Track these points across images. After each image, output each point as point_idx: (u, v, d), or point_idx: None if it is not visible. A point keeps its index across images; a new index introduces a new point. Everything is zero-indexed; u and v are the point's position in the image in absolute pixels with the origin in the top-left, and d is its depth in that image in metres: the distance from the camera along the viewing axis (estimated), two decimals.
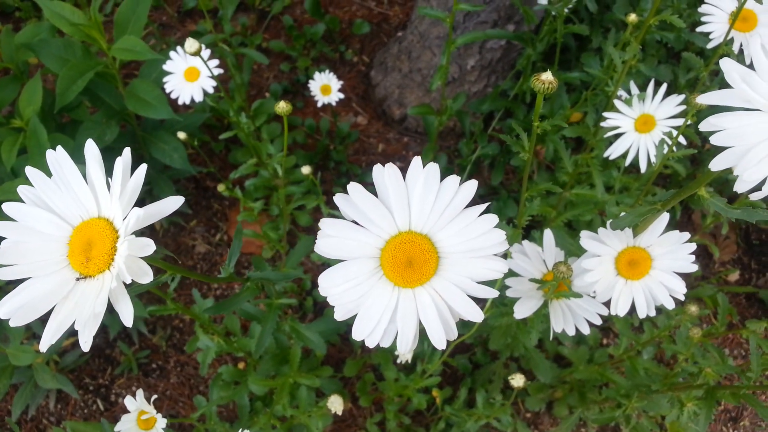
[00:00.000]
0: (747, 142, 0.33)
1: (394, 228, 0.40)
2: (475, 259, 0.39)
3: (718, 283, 1.38)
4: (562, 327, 0.63)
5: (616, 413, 1.00)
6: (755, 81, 0.34)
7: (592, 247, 0.57)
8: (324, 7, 1.73)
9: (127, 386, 1.26)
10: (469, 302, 0.40)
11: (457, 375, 1.30)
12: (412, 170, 0.40)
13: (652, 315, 0.58)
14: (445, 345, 0.40)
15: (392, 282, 0.40)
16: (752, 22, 0.83)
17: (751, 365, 0.72)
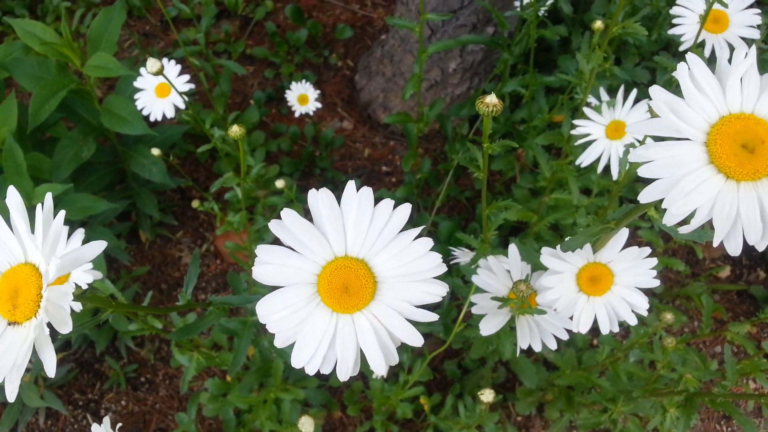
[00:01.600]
0: (675, 174, 0.32)
1: (330, 253, 0.39)
2: (413, 283, 0.39)
3: (708, 280, 1.37)
4: (528, 343, 0.62)
5: (602, 418, 0.99)
6: (683, 109, 0.33)
7: (553, 264, 0.56)
8: (308, 12, 1.73)
9: (116, 400, 1.26)
10: (408, 327, 0.39)
11: (446, 381, 1.29)
12: (346, 195, 0.39)
13: (615, 331, 0.57)
14: (385, 371, 0.39)
15: (330, 308, 0.39)
16: (724, 24, 0.82)
17: (726, 373, 0.71)
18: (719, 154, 0.32)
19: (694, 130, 0.33)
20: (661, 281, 1.38)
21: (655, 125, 0.33)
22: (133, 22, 1.71)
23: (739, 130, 0.33)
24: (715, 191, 0.32)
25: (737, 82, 0.33)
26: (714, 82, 0.33)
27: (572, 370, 1.06)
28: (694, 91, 0.33)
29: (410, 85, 0.93)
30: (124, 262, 1.31)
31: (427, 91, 1.43)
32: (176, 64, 0.92)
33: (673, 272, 1.37)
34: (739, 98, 0.33)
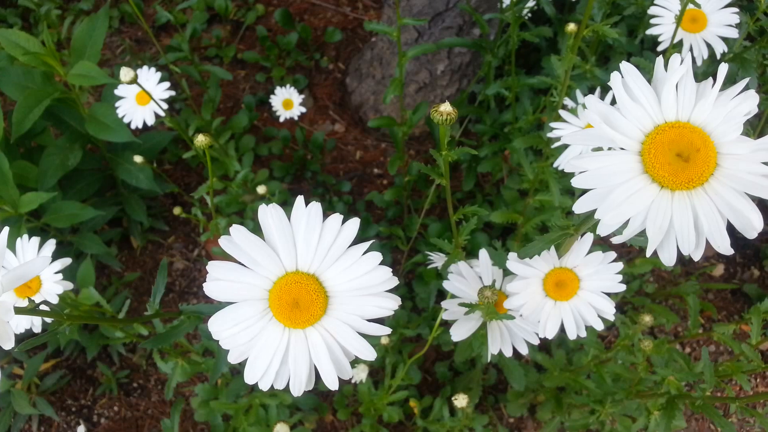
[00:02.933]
0: (608, 184, 0.32)
1: (281, 269, 0.39)
2: (364, 297, 0.39)
3: (701, 279, 1.36)
4: (498, 348, 0.62)
5: (590, 419, 0.99)
6: (617, 119, 0.33)
7: (519, 269, 0.56)
8: (299, 16, 1.73)
9: (109, 406, 1.27)
10: (360, 341, 0.39)
11: (438, 383, 1.29)
12: (296, 211, 0.39)
13: (582, 336, 0.57)
14: (336, 385, 0.39)
15: (282, 323, 0.39)
16: (702, 23, 0.82)
17: (704, 377, 0.70)
18: (653, 164, 0.32)
19: (627, 139, 0.33)
20: (653, 280, 1.37)
21: (590, 135, 0.33)
22: (126, 28, 1.72)
23: (673, 139, 0.32)
24: (648, 201, 0.32)
25: (672, 89, 0.33)
26: (648, 90, 0.33)
27: (560, 371, 1.06)
28: (628, 100, 0.33)
29: (390, 89, 0.93)
30: (116, 268, 1.31)
31: (416, 93, 1.43)
32: (157, 72, 0.92)
33: (666, 271, 1.36)
34: (675, 106, 0.33)
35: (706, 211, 0.31)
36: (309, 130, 1.57)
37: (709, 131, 0.33)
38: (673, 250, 0.32)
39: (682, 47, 0.82)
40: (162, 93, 0.91)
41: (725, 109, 0.32)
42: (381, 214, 1.44)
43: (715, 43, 0.81)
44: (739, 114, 0.32)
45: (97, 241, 1.18)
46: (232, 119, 1.33)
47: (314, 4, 1.74)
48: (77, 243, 1.19)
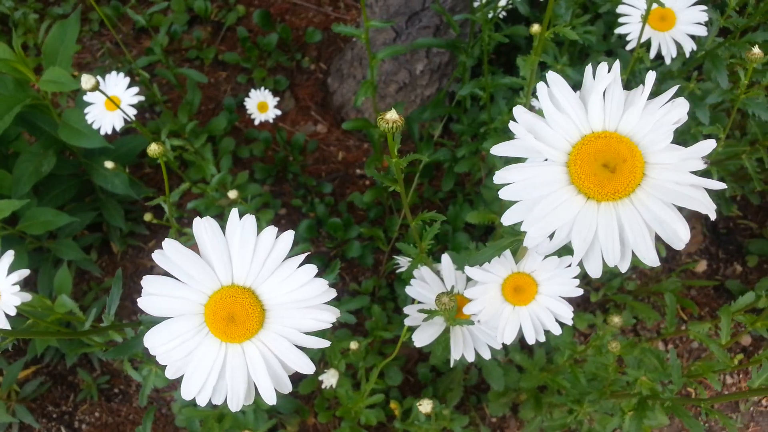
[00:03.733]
0: (534, 195, 0.32)
1: (216, 283, 0.39)
2: (301, 310, 0.38)
3: (685, 275, 1.36)
4: (461, 353, 0.62)
5: (568, 419, 0.99)
6: (543, 130, 0.32)
7: (477, 275, 0.55)
8: (280, 16, 1.72)
9: (90, 412, 1.26)
10: (299, 354, 0.39)
11: (420, 384, 1.29)
12: (230, 224, 0.39)
13: (542, 340, 0.57)
14: (274, 400, 0.39)
15: (219, 338, 0.39)
16: (671, 21, 0.81)
17: (672, 377, 0.70)
18: (579, 175, 0.32)
19: (553, 150, 0.32)
20: (636, 277, 1.37)
21: (515, 146, 0.33)
22: (106, 31, 1.71)
23: (600, 149, 0.32)
24: (574, 213, 0.31)
25: (599, 99, 0.32)
26: (575, 100, 0.33)
27: (539, 371, 1.06)
28: (554, 110, 0.33)
29: (362, 91, 0.92)
30: (95, 273, 1.31)
31: (397, 93, 1.42)
32: (126, 77, 0.92)
33: (648, 268, 1.36)
34: (602, 116, 0.32)
35: (632, 222, 0.31)
36: (291, 131, 1.56)
37: (637, 141, 0.32)
38: (598, 262, 0.31)
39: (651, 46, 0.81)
40: (131, 98, 0.90)
41: (653, 118, 0.32)
42: (363, 215, 1.43)
43: (683, 41, 0.81)
44: (668, 122, 0.32)
45: (74, 247, 1.17)
46: (211, 122, 1.32)
47: (296, 4, 1.73)
48: (54, 249, 1.19)
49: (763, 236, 1.36)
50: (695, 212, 1.43)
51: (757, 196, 1.38)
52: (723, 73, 0.86)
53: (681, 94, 0.96)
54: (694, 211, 1.17)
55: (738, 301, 0.86)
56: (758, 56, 0.70)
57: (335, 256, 1.41)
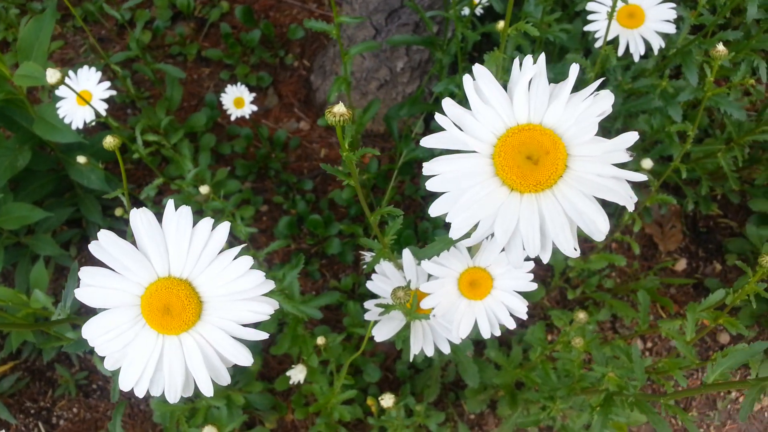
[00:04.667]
0: (459, 187, 0.32)
1: (153, 274, 0.39)
2: (239, 302, 0.38)
3: (662, 273, 1.36)
4: (420, 347, 0.62)
5: (541, 416, 0.99)
6: (469, 122, 0.32)
7: (433, 269, 0.56)
8: (264, 12, 1.72)
9: (68, 408, 1.26)
10: (236, 346, 0.39)
11: (398, 381, 1.29)
12: (166, 215, 0.39)
13: (497, 334, 0.57)
14: (211, 391, 0.39)
15: (156, 330, 0.39)
16: (639, 19, 0.82)
17: (635, 373, 0.70)
18: (503, 167, 0.32)
19: (479, 142, 0.32)
20: (616, 275, 1.38)
21: (443, 138, 0.33)
22: (90, 26, 1.71)
23: (524, 142, 0.32)
24: (497, 204, 0.32)
25: (524, 91, 0.32)
26: (500, 93, 0.33)
27: (514, 368, 1.06)
28: (480, 103, 0.33)
29: (335, 87, 0.92)
30: None
31: (378, 90, 1.42)
32: (97, 72, 0.92)
33: (628, 266, 1.37)
34: (527, 108, 0.32)
35: (552, 214, 0.31)
36: (274, 128, 1.56)
37: (561, 133, 0.32)
38: (519, 252, 0.31)
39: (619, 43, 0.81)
40: (102, 93, 0.90)
41: (577, 111, 0.32)
42: (344, 212, 1.43)
43: (652, 38, 0.81)
44: (592, 115, 0.32)
45: (51, 243, 1.17)
46: (191, 117, 1.32)
47: (280, 1, 1.73)
48: (32, 245, 1.18)
49: (743, 235, 1.36)
50: (676, 211, 1.42)
51: (737, 195, 1.38)
52: (693, 70, 0.86)
53: (654, 92, 0.96)
54: (675, 210, 1.17)
55: (707, 299, 0.87)
56: (722, 53, 0.70)
57: (316, 253, 1.41)
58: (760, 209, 1.26)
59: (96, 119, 0.82)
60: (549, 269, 1.36)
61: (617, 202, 0.30)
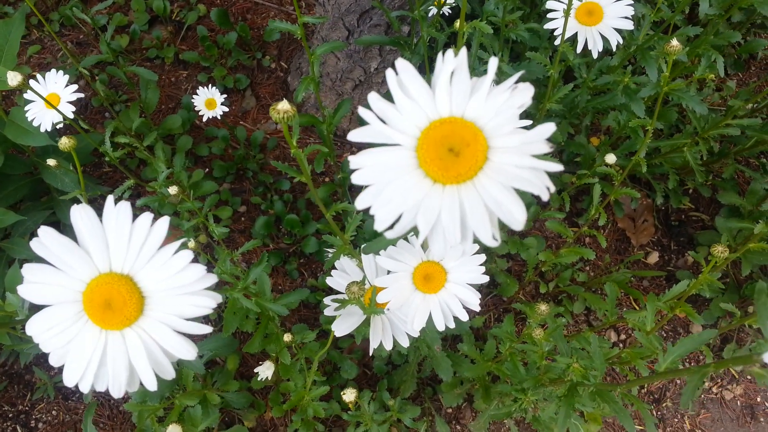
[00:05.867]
0: (383, 179, 0.33)
1: (94, 270, 0.39)
2: (181, 296, 0.39)
3: (636, 266, 1.38)
4: (379, 340, 0.63)
5: (513, 408, 1.00)
6: (392, 116, 0.33)
7: (388, 264, 0.57)
8: (242, 15, 1.72)
9: (47, 410, 1.26)
10: (180, 341, 0.40)
11: (376, 377, 1.30)
12: (106, 211, 0.39)
13: (451, 327, 0.58)
14: (155, 386, 0.39)
15: (98, 325, 0.40)
16: (598, 16, 0.83)
17: (595, 363, 0.72)
18: (425, 159, 0.33)
19: (402, 135, 0.33)
20: (590, 269, 1.39)
21: (369, 132, 0.34)
22: (67, 31, 1.71)
23: (446, 134, 0.33)
24: (420, 196, 0.33)
25: (445, 84, 0.33)
26: (423, 86, 0.34)
27: (485, 361, 1.07)
28: (402, 96, 0.34)
29: (302, 87, 0.93)
30: None
31: (353, 90, 1.43)
32: (64, 75, 0.92)
33: (600, 260, 1.38)
34: (449, 101, 0.34)
35: (472, 205, 0.32)
36: (251, 129, 1.57)
37: (481, 125, 0.33)
38: (441, 242, 0.32)
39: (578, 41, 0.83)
40: (69, 96, 0.91)
41: (497, 103, 0.33)
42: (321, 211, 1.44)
43: (610, 35, 0.82)
44: (511, 107, 0.33)
45: (26, 247, 1.17)
46: (166, 120, 1.33)
47: (257, 3, 1.73)
48: (7, 249, 1.18)
49: (713, 227, 1.38)
50: (648, 205, 1.44)
51: (707, 188, 1.40)
52: (653, 66, 0.88)
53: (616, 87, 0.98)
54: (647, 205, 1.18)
55: (671, 290, 0.88)
56: (677, 48, 0.72)
57: (294, 252, 1.42)
58: (729, 202, 1.28)
59: (63, 122, 0.83)
60: (524, 264, 1.37)
61: (533, 192, 0.31)
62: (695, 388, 0.48)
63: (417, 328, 0.57)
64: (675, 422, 1.32)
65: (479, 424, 1.27)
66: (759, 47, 1.43)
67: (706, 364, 0.48)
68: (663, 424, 1.32)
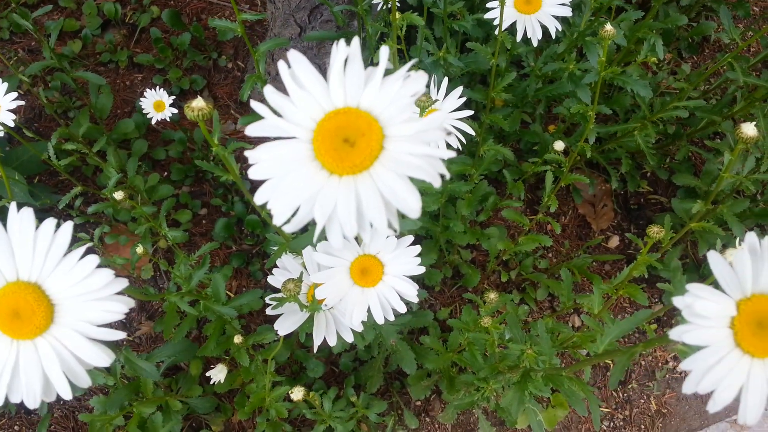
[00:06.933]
0: (280, 173, 0.32)
1: (1, 279, 0.39)
2: (90, 302, 0.38)
3: (598, 251, 1.39)
4: (323, 337, 0.62)
5: (475, 397, 1.00)
6: (288, 109, 0.33)
7: (324, 260, 0.56)
8: (196, 15, 1.70)
9: (8, 426, 1.24)
10: (93, 347, 0.39)
11: (344, 374, 1.30)
12: (9, 218, 0.38)
13: (391, 320, 0.58)
14: (70, 395, 0.39)
15: (8, 336, 0.39)
16: (536, 4, 0.83)
17: (542, 348, 0.72)
18: (321, 151, 0.33)
19: (297, 127, 0.33)
20: (552, 255, 1.40)
21: (265, 126, 0.34)
22: (18, 38, 1.67)
23: (341, 125, 0.33)
24: (317, 188, 0.32)
25: (338, 75, 0.33)
26: (316, 77, 0.33)
27: (446, 352, 1.08)
28: (296, 88, 0.33)
29: (247, 85, 0.92)
30: None
31: None
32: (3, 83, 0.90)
33: (561, 246, 1.39)
34: (343, 92, 0.33)
35: (368, 194, 0.32)
36: (210, 130, 1.55)
37: (376, 114, 0.33)
38: (339, 234, 0.32)
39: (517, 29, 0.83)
40: (9, 104, 0.89)
41: (391, 92, 0.33)
42: None
43: (548, 22, 0.83)
44: (405, 96, 0.33)
45: None
46: (119, 124, 1.31)
47: (212, 2, 1.72)
48: None
49: (672, 209, 1.40)
50: (606, 190, 1.45)
51: (665, 171, 1.42)
52: (594, 52, 0.88)
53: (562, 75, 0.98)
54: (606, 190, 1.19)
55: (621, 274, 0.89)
56: (610, 33, 0.72)
57: (257, 253, 1.41)
58: (684, 183, 1.29)
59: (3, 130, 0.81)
60: (488, 254, 1.38)
61: (426, 179, 0.31)
62: (623, 368, 0.48)
63: (356, 323, 0.57)
64: (641, 403, 1.34)
65: (447, 415, 1.28)
66: (709, 29, 1.45)
67: (636, 345, 0.48)
68: (630, 406, 1.34)
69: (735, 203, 1.20)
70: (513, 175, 1.18)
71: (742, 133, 0.61)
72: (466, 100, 1.26)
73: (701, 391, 0.34)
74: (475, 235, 1.25)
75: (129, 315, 1.37)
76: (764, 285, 0.35)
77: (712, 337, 0.33)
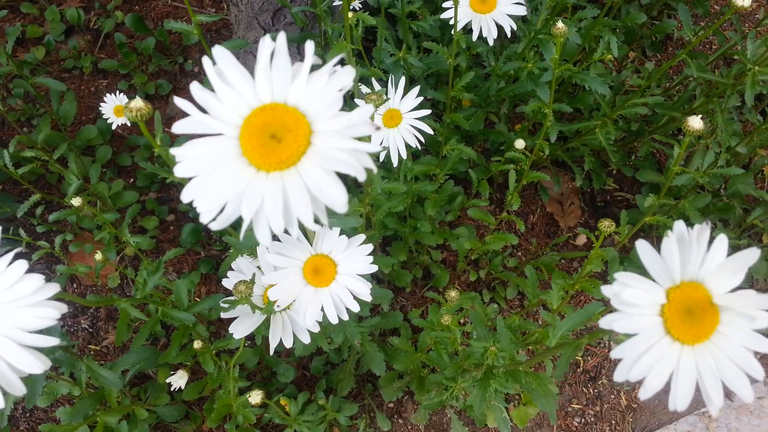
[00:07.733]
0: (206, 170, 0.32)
1: None
2: (21, 308, 0.38)
3: (566, 248, 1.41)
4: (279, 338, 0.62)
5: (444, 396, 1.01)
6: (214, 106, 0.33)
7: (277, 261, 0.56)
8: (162, 19, 1.69)
9: None
10: (25, 354, 0.38)
11: (315, 378, 1.30)
12: None
13: (345, 318, 0.58)
14: (2, 404, 0.38)
15: None
16: (491, 3, 0.84)
17: (502, 344, 0.73)
18: (248, 147, 0.33)
19: (224, 124, 0.33)
20: (521, 254, 1.41)
21: (192, 123, 0.33)
22: None
23: (268, 121, 0.33)
24: (244, 184, 0.32)
25: (264, 71, 0.33)
26: (241, 74, 0.33)
27: (414, 353, 1.08)
28: (222, 85, 0.33)
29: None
30: None
31: None
32: None
33: (529, 244, 1.41)
34: (269, 88, 0.33)
35: (295, 190, 0.31)
36: (175, 135, 1.53)
37: (304, 110, 0.33)
38: (266, 230, 0.32)
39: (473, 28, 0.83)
40: None
41: (318, 87, 0.33)
42: None
43: (504, 22, 0.83)
44: (332, 90, 0.33)
45: None
46: (82, 130, 1.29)
47: (177, 6, 1.70)
48: None
49: (637, 206, 1.42)
50: (573, 188, 1.47)
51: (630, 168, 1.44)
52: (550, 50, 0.89)
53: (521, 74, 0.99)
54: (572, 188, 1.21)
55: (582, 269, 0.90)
56: (562, 30, 0.73)
57: (226, 258, 1.40)
58: (647, 179, 1.31)
59: None
60: (457, 254, 1.38)
61: (350, 174, 0.31)
62: (568, 359, 0.48)
63: (309, 323, 0.56)
64: (612, 398, 1.35)
65: (419, 416, 1.28)
66: (671, 28, 1.47)
67: (581, 337, 0.49)
68: (600, 401, 1.35)
69: (697, 198, 1.23)
70: (479, 174, 1.18)
71: (688, 125, 0.62)
72: (431, 101, 1.26)
73: (632, 379, 0.34)
74: (443, 235, 1.25)
75: (96, 324, 1.35)
76: (693, 273, 0.35)
77: (642, 325, 0.34)
